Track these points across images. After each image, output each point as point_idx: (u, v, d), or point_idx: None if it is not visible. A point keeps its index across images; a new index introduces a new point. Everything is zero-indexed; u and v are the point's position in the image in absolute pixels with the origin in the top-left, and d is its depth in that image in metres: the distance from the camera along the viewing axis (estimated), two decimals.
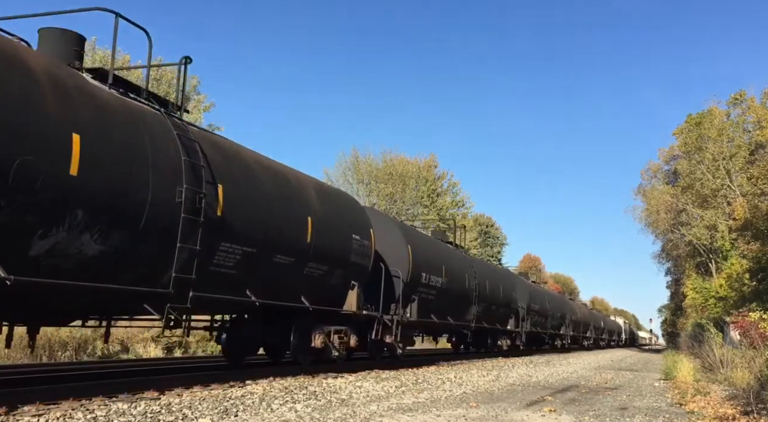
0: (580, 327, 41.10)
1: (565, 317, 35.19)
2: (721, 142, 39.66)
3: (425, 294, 14.83)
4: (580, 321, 40.60)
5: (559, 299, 36.47)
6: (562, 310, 34.50)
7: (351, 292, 11.49)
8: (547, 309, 30.23)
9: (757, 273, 27.95)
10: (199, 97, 36.10)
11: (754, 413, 7.68)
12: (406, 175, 44.82)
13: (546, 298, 31.03)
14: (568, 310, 36.91)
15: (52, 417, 5.37)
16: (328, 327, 10.90)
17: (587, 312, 46.88)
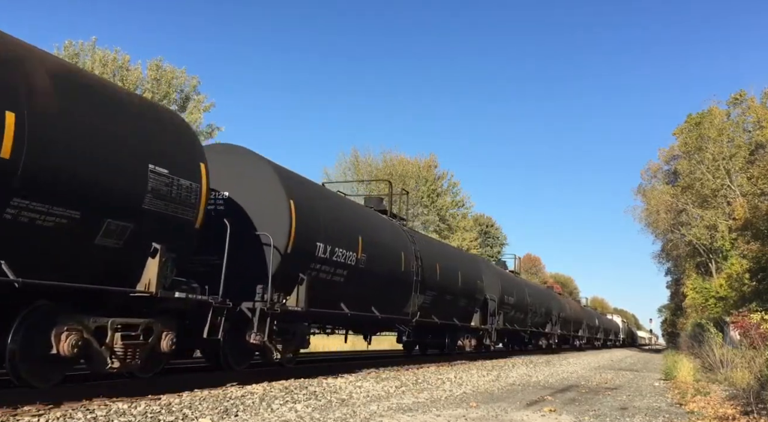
0: (571, 326, 36.43)
1: (552, 313, 31.08)
2: (721, 142, 39.68)
3: (326, 274, 10.69)
4: (570, 319, 35.84)
5: (544, 293, 32.32)
6: (547, 305, 30.15)
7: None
8: (527, 304, 25.74)
9: (757, 273, 27.96)
10: (199, 97, 36.16)
11: (754, 413, 7.68)
12: (406, 175, 44.86)
13: (526, 291, 26.50)
14: (555, 306, 32.33)
15: (52, 417, 5.37)
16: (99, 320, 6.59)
17: (579, 309, 41.35)
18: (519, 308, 24.68)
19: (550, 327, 31.27)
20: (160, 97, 33.55)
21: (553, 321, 31.66)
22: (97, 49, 33.03)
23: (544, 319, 30.04)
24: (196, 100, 36.00)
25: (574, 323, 37.79)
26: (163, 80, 34.29)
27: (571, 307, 38.09)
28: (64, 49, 32.55)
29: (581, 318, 40.12)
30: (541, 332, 30.12)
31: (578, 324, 39.17)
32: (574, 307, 39.24)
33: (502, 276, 23.54)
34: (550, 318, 31.29)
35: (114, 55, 32.92)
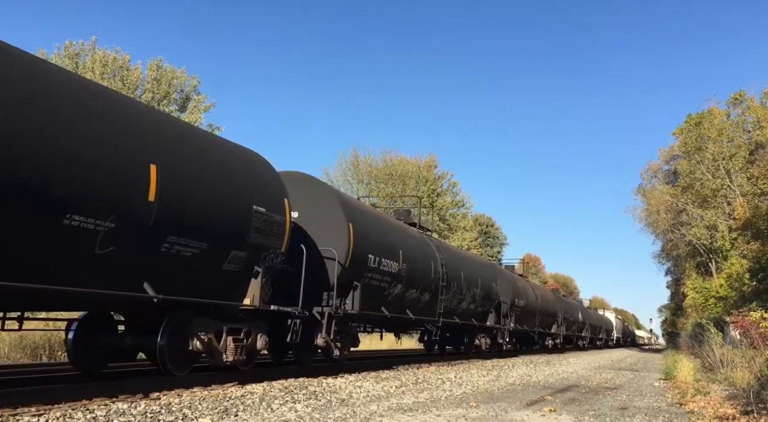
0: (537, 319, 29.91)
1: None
2: (721, 142, 39.68)
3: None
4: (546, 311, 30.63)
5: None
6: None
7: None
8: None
9: (757, 273, 27.97)
10: (199, 97, 36.15)
11: (754, 413, 7.68)
12: (406, 175, 44.89)
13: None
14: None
15: (52, 417, 5.37)
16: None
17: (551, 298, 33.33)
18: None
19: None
20: (160, 97, 33.56)
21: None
22: (97, 49, 33.03)
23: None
24: (196, 100, 36.00)
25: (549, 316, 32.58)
26: (163, 80, 34.27)
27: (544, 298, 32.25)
28: (65, 49, 32.53)
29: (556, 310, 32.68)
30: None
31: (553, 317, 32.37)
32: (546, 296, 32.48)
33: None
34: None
35: (114, 55, 32.91)
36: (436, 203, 46.83)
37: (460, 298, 17.84)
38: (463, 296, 18.07)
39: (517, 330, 25.08)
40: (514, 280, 25.23)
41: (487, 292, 20.08)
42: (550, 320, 30.52)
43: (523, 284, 27.32)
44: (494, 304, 21.23)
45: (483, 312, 20.39)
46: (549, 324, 30.69)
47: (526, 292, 26.70)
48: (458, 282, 17.50)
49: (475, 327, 19.86)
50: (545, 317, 29.36)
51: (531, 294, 27.91)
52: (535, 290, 29.35)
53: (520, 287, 25.59)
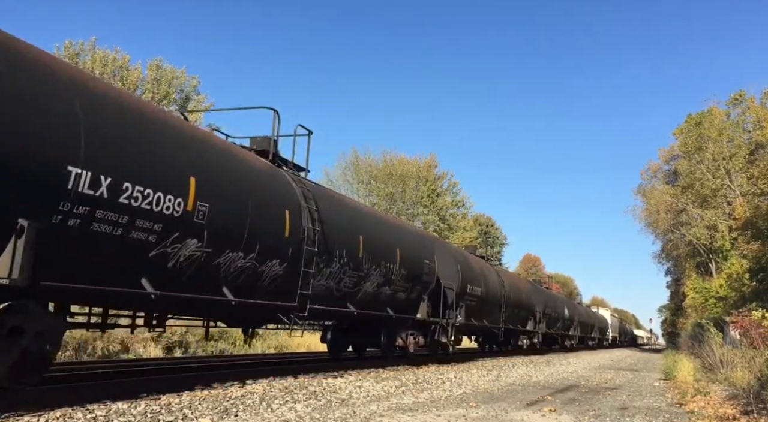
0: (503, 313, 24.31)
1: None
2: (721, 142, 39.69)
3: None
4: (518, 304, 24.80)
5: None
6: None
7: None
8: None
9: (757, 273, 27.96)
10: (198, 97, 36.12)
11: (754, 413, 7.68)
12: (406, 175, 44.87)
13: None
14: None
15: (52, 417, 5.37)
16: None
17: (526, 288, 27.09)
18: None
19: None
20: (160, 97, 33.54)
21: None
22: (97, 49, 33.00)
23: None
24: (196, 100, 35.97)
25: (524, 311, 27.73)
26: (163, 80, 34.26)
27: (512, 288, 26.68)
28: (65, 48, 32.52)
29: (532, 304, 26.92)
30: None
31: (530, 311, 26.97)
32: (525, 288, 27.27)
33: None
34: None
35: (114, 55, 32.90)
36: (436, 203, 46.83)
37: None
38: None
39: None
40: (465, 260, 19.14)
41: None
42: (524, 315, 25.50)
43: (482, 267, 21.19)
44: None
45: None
46: (523, 320, 25.72)
47: (485, 278, 20.49)
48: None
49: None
50: (516, 311, 23.78)
51: (494, 281, 21.73)
52: (502, 276, 22.84)
53: (476, 270, 19.70)
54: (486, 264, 21.75)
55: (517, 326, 24.22)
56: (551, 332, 30.97)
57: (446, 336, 17.70)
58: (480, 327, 20.12)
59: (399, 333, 15.12)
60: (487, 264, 22.21)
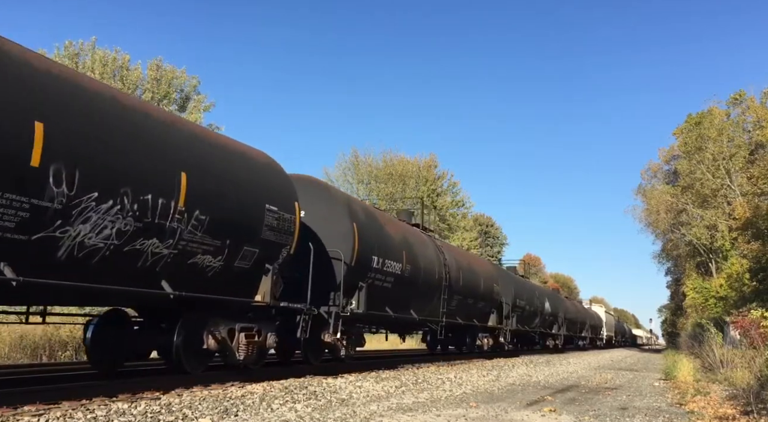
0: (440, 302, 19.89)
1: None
2: (721, 141, 39.67)
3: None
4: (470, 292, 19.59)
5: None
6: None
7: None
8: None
9: (757, 273, 27.97)
10: (199, 97, 36.12)
11: (754, 413, 7.67)
12: (406, 175, 44.85)
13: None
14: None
15: (52, 417, 5.37)
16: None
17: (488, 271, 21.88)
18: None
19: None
20: (160, 97, 33.54)
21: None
22: (97, 49, 32.98)
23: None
24: (196, 100, 35.97)
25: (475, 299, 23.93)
26: (163, 80, 34.25)
27: None
28: (65, 49, 32.51)
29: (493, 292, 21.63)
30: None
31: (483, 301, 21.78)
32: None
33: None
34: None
35: (114, 55, 32.88)
36: (436, 203, 46.81)
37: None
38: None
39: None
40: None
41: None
42: (484, 307, 20.46)
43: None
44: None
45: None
46: (482, 314, 20.53)
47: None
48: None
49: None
50: (471, 301, 19.05)
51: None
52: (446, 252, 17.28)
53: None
54: (419, 234, 16.01)
55: (472, 321, 19.28)
56: (526, 330, 26.06)
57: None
58: (400, 320, 14.74)
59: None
60: (421, 234, 16.47)
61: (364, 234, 11.86)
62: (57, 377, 8.71)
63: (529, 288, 28.09)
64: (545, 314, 29.35)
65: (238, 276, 8.55)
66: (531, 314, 26.61)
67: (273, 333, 9.43)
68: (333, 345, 11.40)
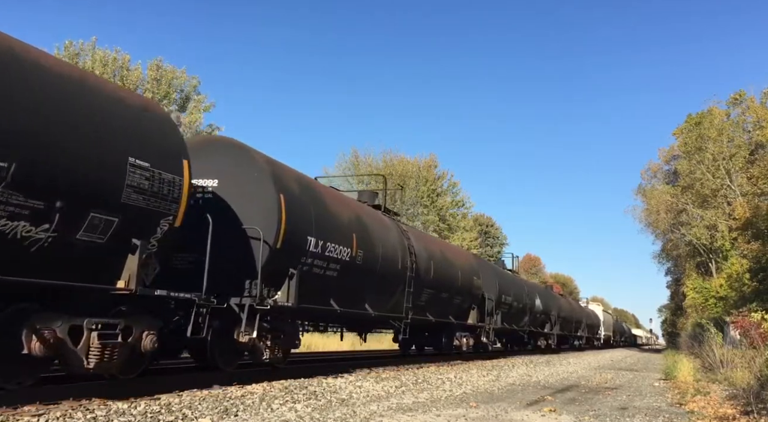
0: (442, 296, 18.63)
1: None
2: (721, 142, 39.69)
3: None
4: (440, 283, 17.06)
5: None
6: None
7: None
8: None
9: (757, 273, 27.98)
10: (199, 97, 36.13)
11: (754, 413, 7.67)
12: (406, 174, 44.84)
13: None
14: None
15: (52, 417, 5.37)
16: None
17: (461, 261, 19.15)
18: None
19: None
20: (160, 97, 33.54)
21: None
22: (97, 49, 33.03)
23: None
24: (197, 100, 35.98)
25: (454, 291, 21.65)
26: (163, 80, 34.27)
27: None
28: (65, 48, 32.53)
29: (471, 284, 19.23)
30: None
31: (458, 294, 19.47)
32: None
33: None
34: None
35: (114, 55, 32.92)
36: (436, 203, 46.80)
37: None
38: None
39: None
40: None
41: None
42: (461, 303, 17.95)
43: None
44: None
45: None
46: (459, 310, 18.06)
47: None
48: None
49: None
50: (446, 296, 16.64)
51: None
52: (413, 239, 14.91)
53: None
54: (378, 217, 13.59)
55: (447, 318, 16.86)
56: (513, 328, 23.62)
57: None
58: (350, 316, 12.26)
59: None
60: (382, 216, 14.05)
61: (296, 210, 9.42)
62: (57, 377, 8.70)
63: (517, 283, 25.45)
64: (536, 312, 26.78)
65: (86, 254, 6.19)
66: (519, 311, 24.08)
67: (152, 332, 7.03)
68: (251, 347, 9.16)
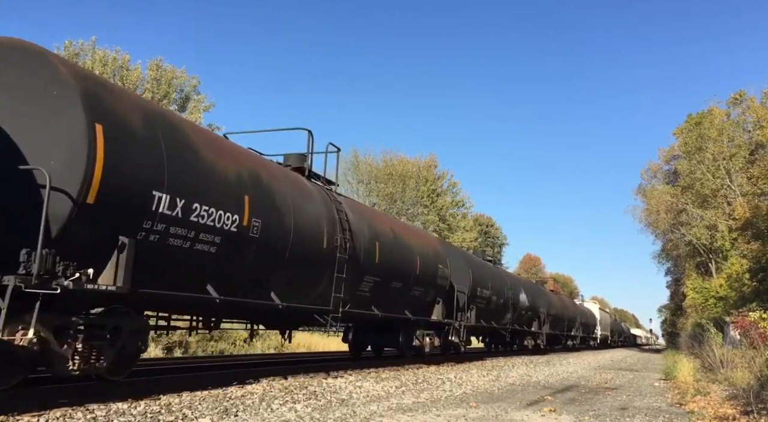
0: None
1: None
2: (721, 141, 39.70)
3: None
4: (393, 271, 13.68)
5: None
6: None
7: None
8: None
9: (757, 273, 27.98)
10: (198, 97, 36.12)
11: (754, 413, 7.67)
12: (406, 175, 44.87)
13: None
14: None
15: (52, 417, 5.37)
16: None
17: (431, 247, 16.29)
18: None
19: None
20: (160, 96, 33.55)
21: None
22: (97, 48, 33.01)
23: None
24: (196, 100, 35.98)
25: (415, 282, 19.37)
26: (163, 80, 34.27)
27: None
28: (65, 48, 32.52)
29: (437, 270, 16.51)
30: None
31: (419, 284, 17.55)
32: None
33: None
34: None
35: (114, 55, 32.91)
36: (436, 203, 46.82)
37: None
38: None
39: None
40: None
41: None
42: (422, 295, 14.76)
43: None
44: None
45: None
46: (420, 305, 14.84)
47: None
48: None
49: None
50: (397, 286, 13.36)
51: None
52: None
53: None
54: (294, 179, 10.39)
55: (403, 313, 13.89)
56: (493, 326, 20.82)
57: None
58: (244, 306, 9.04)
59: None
60: (303, 181, 10.81)
61: (131, 150, 6.51)
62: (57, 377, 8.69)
63: (497, 275, 22.54)
64: (521, 308, 24.03)
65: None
66: (500, 307, 21.43)
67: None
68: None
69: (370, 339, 15.67)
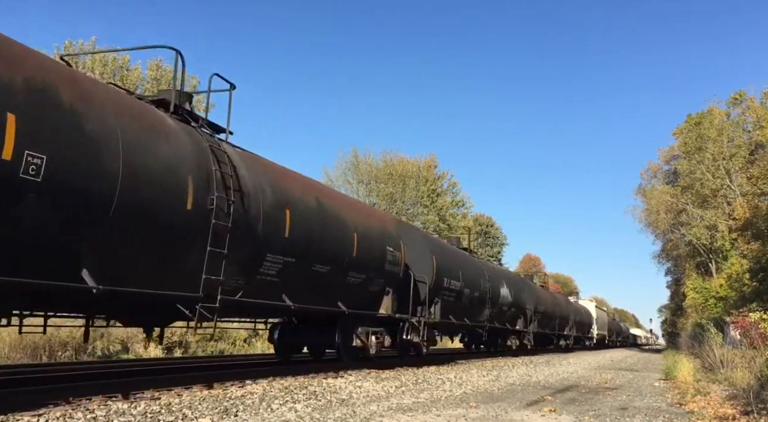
0: None
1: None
2: (721, 142, 39.70)
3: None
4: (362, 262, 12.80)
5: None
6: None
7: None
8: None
9: (757, 273, 27.97)
10: (198, 97, 36.07)
11: (754, 413, 7.67)
12: (406, 175, 44.88)
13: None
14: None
15: (52, 417, 5.37)
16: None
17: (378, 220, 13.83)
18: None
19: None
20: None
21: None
22: (97, 49, 32.98)
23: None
24: (196, 100, 35.96)
25: None
26: (163, 80, 34.25)
27: None
28: (65, 48, 32.52)
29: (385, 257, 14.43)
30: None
31: None
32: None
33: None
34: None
35: (114, 55, 32.90)
36: (436, 203, 46.81)
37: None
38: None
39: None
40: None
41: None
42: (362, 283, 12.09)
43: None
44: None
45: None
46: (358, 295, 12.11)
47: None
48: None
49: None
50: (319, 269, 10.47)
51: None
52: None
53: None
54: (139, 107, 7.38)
55: (336, 305, 11.34)
56: (465, 323, 18.33)
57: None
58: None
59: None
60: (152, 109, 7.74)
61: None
62: (57, 377, 8.71)
63: (471, 264, 19.50)
64: (501, 304, 21.64)
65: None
66: (475, 302, 18.82)
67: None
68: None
69: (306, 339, 13.16)
